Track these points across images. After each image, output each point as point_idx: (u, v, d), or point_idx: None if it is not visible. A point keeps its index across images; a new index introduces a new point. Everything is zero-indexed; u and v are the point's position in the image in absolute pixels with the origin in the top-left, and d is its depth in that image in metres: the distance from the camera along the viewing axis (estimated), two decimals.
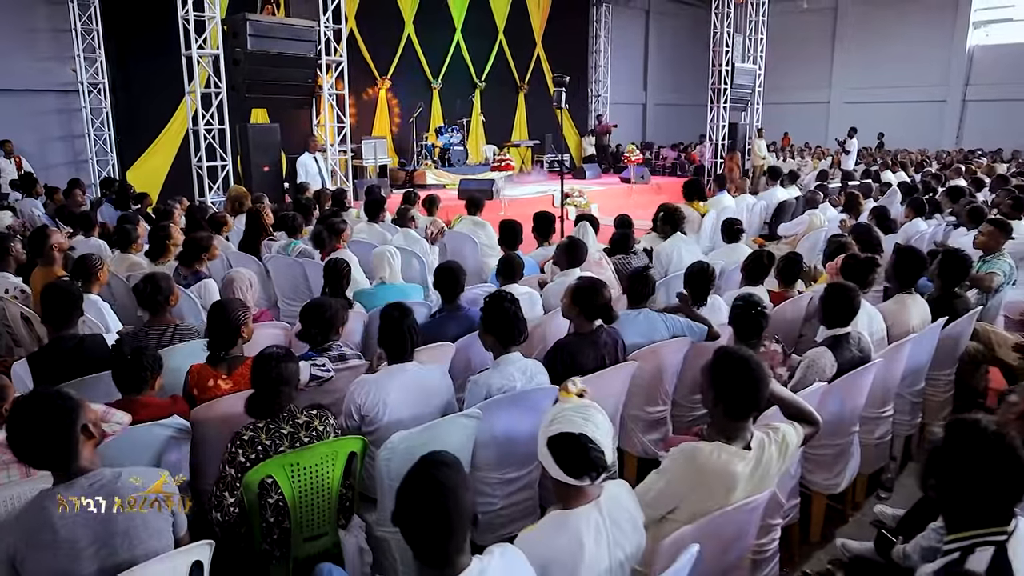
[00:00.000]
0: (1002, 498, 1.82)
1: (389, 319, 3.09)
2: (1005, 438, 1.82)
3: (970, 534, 1.83)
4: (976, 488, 1.83)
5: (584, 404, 1.99)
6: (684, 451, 2.18)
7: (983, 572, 1.74)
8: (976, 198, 9.10)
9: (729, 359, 2.21)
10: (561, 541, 1.86)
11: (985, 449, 1.81)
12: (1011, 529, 1.81)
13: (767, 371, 2.22)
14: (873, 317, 3.94)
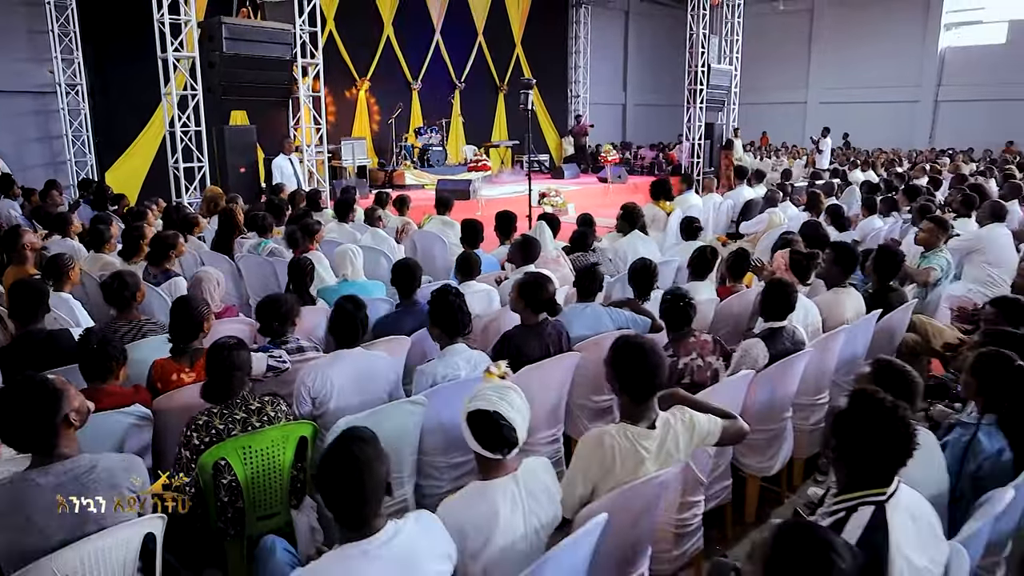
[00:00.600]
0: (887, 462, 2.00)
1: (342, 311, 3.29)
2: (898, 409, 2.01)
3: (856, 495, 2.01)
4: (867, 452, 1.99)
5: (503, 385, 2.18)
6: (592, 436, 2.38)
7: (862, 528, 1.93)
8: (935, 196, 9.39)
9: (626, 346, 2.41)
10: (479, 509, 2.06)
11: (879, 417, 1.98)
12: (891, 491, 2.00)
13: (663, 354, 2.41)
14: (809, 310, 4.16)
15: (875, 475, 2.00)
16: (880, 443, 1.98)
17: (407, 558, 1.80)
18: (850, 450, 2.02)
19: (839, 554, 1.44)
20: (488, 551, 2.02)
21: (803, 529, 1.54)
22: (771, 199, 8.42)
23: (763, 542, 1.53)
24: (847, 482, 2.05)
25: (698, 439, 2.46)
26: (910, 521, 1.93)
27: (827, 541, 1.47)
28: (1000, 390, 2.64)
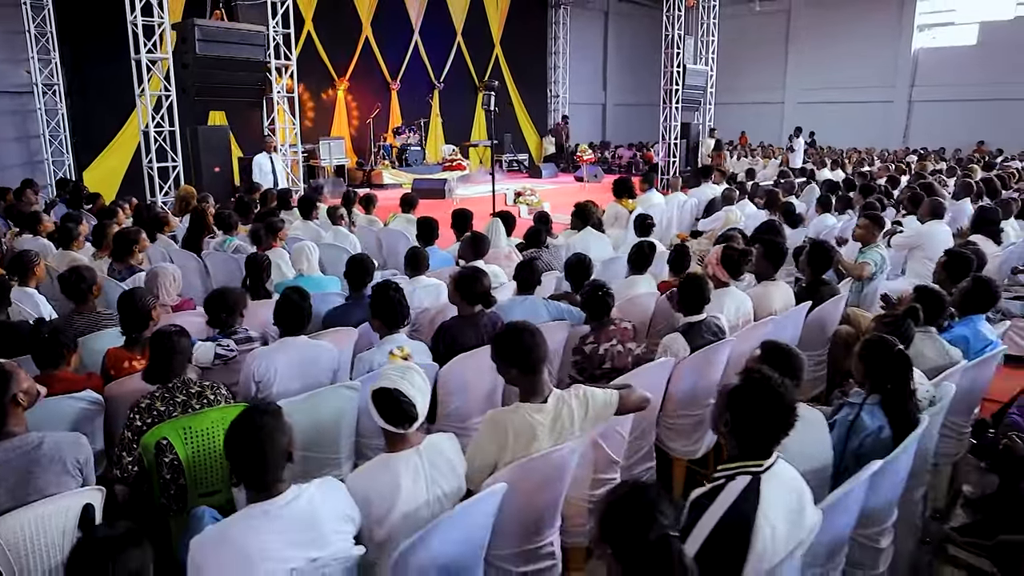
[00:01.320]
0: (768, 436, 2.19)
1: (287, 301, 3.50)
2: (781, 387, 2.21)
3: (736, 465, 2.21)
4: (752, 426, 2.18)
5: (405, 366, 2.39)
6: (488, 415, 2.60)
7: (735, 495, 2.12)
8: (892, 195, 9.68)
9: (506, 332, 2.63)
10: (382, 479, 2.26)
11: (764, 394, 2.18)
12: (768, 464, 2.20)
13: (540, 336, 2.62)
14: (742, 303, 4.39)
15: (756, 447, 2.19)
16: (763, 418, 2.17)
17: (307, 518, 2.01)
18: (738, 424, 2.21)
19: (662, 511, 1.65)
20: (392, 517, 2.23)
21: (634, 490, 1.74)
22: (728, 197, 8.67)
23: (601, 500, 1.74)
24: (731, 454, 2.26)
25: (595, 412, 2.67)
26: (783, 492, 2.12)
27: (652, 500, 1.68)
28: (882, 373, 2.87)
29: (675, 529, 1.65)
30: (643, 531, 1.62)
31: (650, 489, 1.73)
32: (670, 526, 1.64)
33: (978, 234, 6.66)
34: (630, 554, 1.64)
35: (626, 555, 1.65)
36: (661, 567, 1.59)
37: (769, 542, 2.01)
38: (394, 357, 2.51)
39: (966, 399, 3.91)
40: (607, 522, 1.69)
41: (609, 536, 1.68)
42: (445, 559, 2.19)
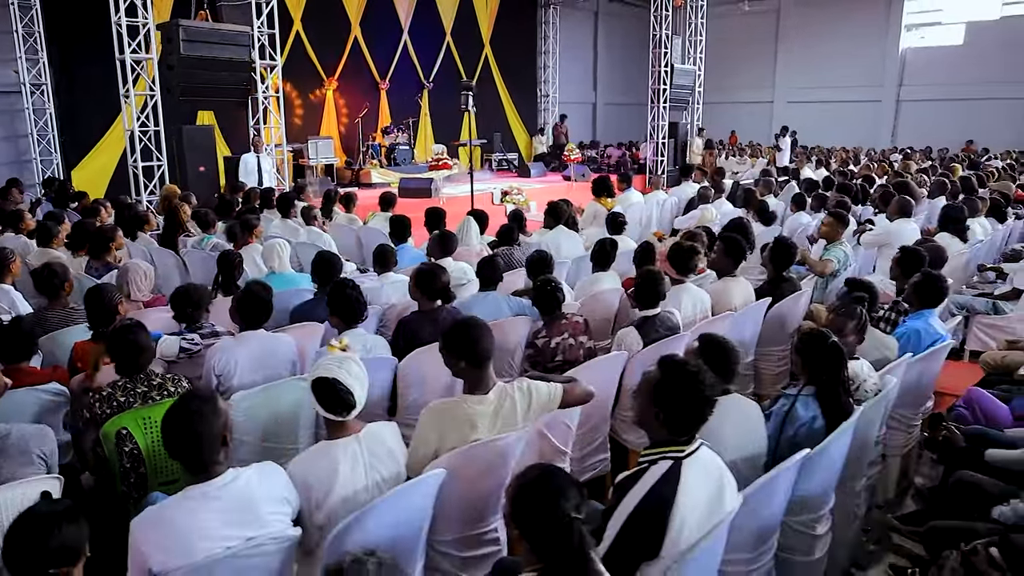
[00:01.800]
0: (689, 421, 2.29)
1: (249, 293, 3.61)
2: (699, 374, 2.31)
3: (659, 450, 2.32)
4: (673, 412, 2.27)
5: (343, 356, 2.50)
6: (430, 405, 2.71)
7: (656, 479, 2.22)
8: (869, 193, 9.80)
9: (454, 327, 2.74)
10: (321, 464, 2.37)
11: (684, 381, 2.27)
12: (691, 450, 2.30)
13: (487, 331, 2.73)
14: (699, 298, 4.50)
15: (678, 433, 2.29)
16: (683, 404, 2.26)
17: (244, 499, 2.11)
18: (660, 410, 2.30)
19: (566, 495, 1.76)
20: (330, 501, 2.34)
21: (543, 474, 1.85)
22: (703, 196, 8.79)
23: (513, 482, 1.85)
24: (654, 440, 2.36)
25: (538, 405, 2.77)
26: (702, 477, 2.23)
27: (558, 485, 1.79)
28: (817, 365, 2.98)
29: (579, 511, 1.75)
30: (548, 512, 1.73)
31: (557, 474, 1.83)
32: (573, 508, 1.74)
33: (945, 232, 6.79)
34: (535, 533, 1.75)
35: (532, 533, 1.76)
36: (562, 546, 1.70)
37: (686, 523, 2.11)
38: (332, 348, 2.61)
39: (914, 392, 4.03)
40: (516, 503, 1.80)
41: (517, 516, 1.79)
42: (382, 541, 2.29)
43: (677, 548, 2.09)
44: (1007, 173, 11.34)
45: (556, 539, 1.71)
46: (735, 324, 4.47)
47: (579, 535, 1.71)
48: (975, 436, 3.47)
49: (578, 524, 1.72)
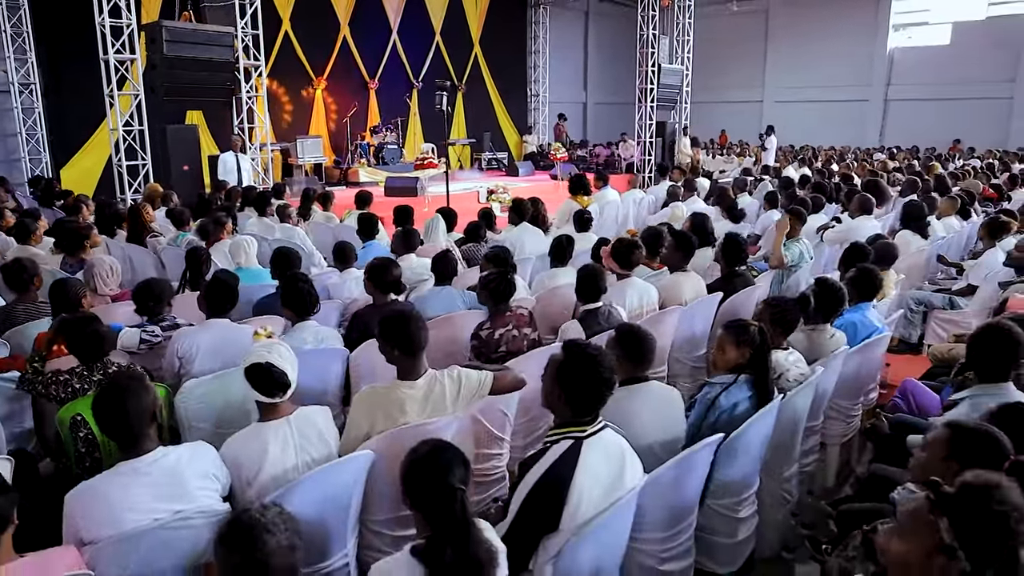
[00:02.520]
0: (588, 402, 2.43)
1: (217, 280, 3.77)
2: (598, 357, 2.46)
3: (561, 431, 2.46)
4: (573, 393, 2.41)
5: (271, 343, 2.65)
6: (360, 392, 2.86)
7: (556, 457, 2.36)
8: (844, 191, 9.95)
9: (389, 317, 2.88)
10: (251, 445, 2.52)
11: (584, 364, 2.41)
12: (592, 430, 2.44)
13: (421, 322, 2.88)
14: (646, 292, 4.64)
15: (579, 414, 2.44)
16: (583, 385, 2.41)
17: (173, 474, 2.26)
18: (562, 391, 2.44)
19: (452, 469, 1.92)
20: (260, 479, 2.49)
21: (432, 449, 1.99)
22: (673, 194, 8.95)
23: (405, 457, 2.00)
24: (558, 421, 2.51)
25: (467, 391, 2.92)
26: (602, 457, 2.37)
27: (447, 460, 1.94)
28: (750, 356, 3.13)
29: (463, 484, 1.90)
30: (434, 484, 1.88)
31: (446, 450, 1.98)
32: (458, 480, 1.89)
33: (906, 229, 6.95)
34: (424, 503, 1.90)
35: (421, 503, 1.91)
36: (447, 514, 1.85)
37: (584, 499, 2.26)
38: (258, 336, 2.76)
39: (852, 383, 4.18)
40: (407, 476, 1.96)
41: (408, 487, 1.94)
42: (307, 516, 2.43)
43: (575, 522, 2.23)
44: (982, 172, 11.48)
45: (441, 508, 1.85)
46: (684, 317, 4.62)
47: (461, 505, 1.85)
48: (899, 424, 3.61)
49: (461, 494, 1.86)
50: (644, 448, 2.80)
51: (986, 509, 1.56)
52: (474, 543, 1.82)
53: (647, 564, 2.74)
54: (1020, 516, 1.55)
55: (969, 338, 3.10)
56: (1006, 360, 2.93)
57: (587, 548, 2.26)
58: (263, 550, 1.72)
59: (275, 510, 1.82)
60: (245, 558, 1.73)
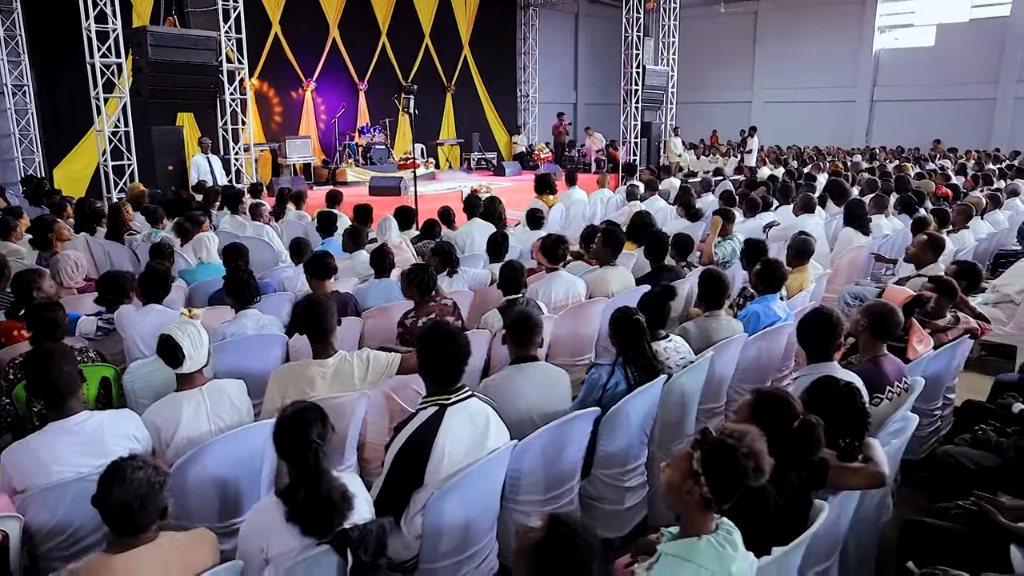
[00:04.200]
0: (444, 375, 2.77)
1: (151, 269, 4.14)
2: (452, 335, 2.80)
3: (429, 399, 2.79)
4: (433, 366, 2.78)
5: (185, 321, 3.01)
6: (276, 368, 3.22)
7: (421, 421, 2.67)
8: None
9: (306, 304, 3.25)
10: (167, 411, 2.90)
11: (438, 341, 2.77)
12: (457, 399, 2.74)
13: (331, 310, 3.24)
14: (572, 285, 4.99)
15: (440, 384, 2.79)
16: (439, 360, 2.77)
17: (96, 434, 2.63)
18: (425, 365, 2.82)
19: (311, 427, 2.26)
20: (176, 440, 2.86)
21: (296, 411, 2.32)
22: (631, 193, 9.30)
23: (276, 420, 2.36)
24: (428, 391, 2.86)
25: (375, 370, 3.30)
26: (465, 421, 2.71)
27: (306, 419, 2.28)
28: (623, 339, 3.48)
29: (320, 438, 2.25)
30: (295, 437, 2.24)
31: (308, 411, 2.32)
32: (316, 435, 2.23)
33: (848, 227, 7.28)
34: (286, 453, 2.27)
35: (284, 454, 2.27)
36: (304, 463, 2.20)
37: (447, 458, 2.61)
38: (184, 315, 3.12)
39: (755, 368, 4.52)
40: (275, 431, 2.31)
41: (276, 441, 2.30)
42: (219, 474, 2.80)
43: (438, 477, 2.59)
44: (940, 173, 11.80)
45: (299, 457, 2.21)
46: (609, 308, 4.96)
47: (315, 455, 2.20)
48: None
49: (315, 446, 2.21)
50: (527, 420, 3.16)
51: (723, 446, 1.94)
52: (326, 487, 2.17)
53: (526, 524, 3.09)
54: (748, 455, 1.92)
55: (799, 323, 3.44)
56: (827, 341, 3.28)
57: (452, 502, 2.61)
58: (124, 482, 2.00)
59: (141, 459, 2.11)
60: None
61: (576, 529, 1.76)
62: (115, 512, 1.97)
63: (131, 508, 1.96)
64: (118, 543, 1.99)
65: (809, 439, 2.38)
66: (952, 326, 4.26)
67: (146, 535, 2.01)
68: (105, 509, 1.98)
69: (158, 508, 2.04)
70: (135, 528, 1.99)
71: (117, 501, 1.96)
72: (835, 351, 3.32)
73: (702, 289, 4.20)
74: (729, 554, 1.95)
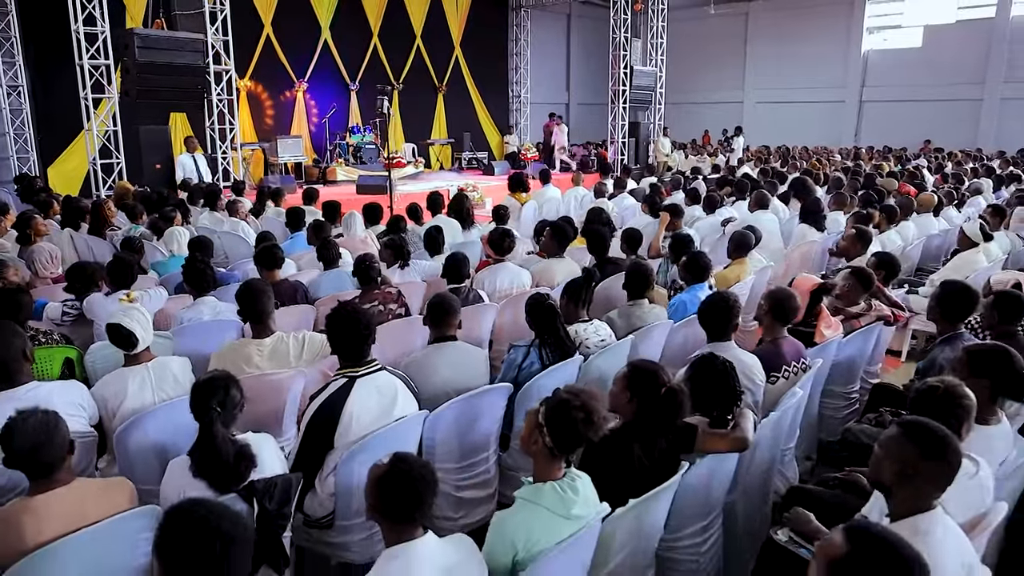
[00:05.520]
0: (350, 350, 3.05)
1: (118, 259, 4.44)
2: (355, 314, 3.07)
3: (340, 372, 3.06)
4: (339, 342, 3.07)
5: (129, 306, 3.31)
6: (219, 347, 3.52)
7: (331, 391, 2.95)
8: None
9: (243, 288, 3.55)
10: (114, 385, 3.20)
11: (342, 318, 3.04)
12: (365, 371, 3.02)
13: (267, 294, 3.54)
14: (517, 275, 5.29)
15: (348, 359, 3.08)
16: (344, 336, 3.06)
17: (44, 402, 2.88)
18: (334, 341, 3.11)
19: (214, 394, 2.52)
20: (122, 411, 3.15)
21: (206, 380, 2.61)
22: (598, 191, 9.59)
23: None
24: (340, 364, 3.14)
25: (310, 350, 3.60)
26: (375, 392, 3.01)
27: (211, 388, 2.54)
28: (537, 322, 3.78)
29: (220, 406, 2.52)
30: (197, 403, 2.52)
31: (214, 380, 2.59)
32: (217, 403, 2.51)
33: (804, 223, 7.56)
34: (195, 416, 2.54)
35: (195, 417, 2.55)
36: (203, 426, 2.49)
37: (355, 423, 2.91)
38: (123, 301, 3.42)
39: (680, 353, 4.78)
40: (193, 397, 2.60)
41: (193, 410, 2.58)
42: (159, 440, 3.10)
43: (347, 440, 2.89)
44: (909, 172, 12.07)
45: (200, 420, 2.49)
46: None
47: (211, 419, 2.48)
48: None
49: (213, 412, 2.48)
50: (442, 395, 3.45)
51: (560, 402, 2.26)
52: (224, 446, 2.46)
53: (443, 490, 3.37)
54: (580, 408, 2.23)
55: (698, 308, 3.74)
56: (723, 323, 3.57)
57: (362, 463, 2.90)
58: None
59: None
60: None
61: (413, 465, 2.03)
62: (23, 455, 2.21)
63: (35, 448, 2.20)
64: (35, 487, 2.27)
65: (673, 405, 2.68)
66: (865, 313, 4.54)
67: (61, 477, 2.28)
68: (13, 457, 2.22)
69: (63, 443, 2.28)
70: (47, 468, 2.25)
71: (19, 445, 2.20)
72: (732, 331, 3.60)
73: (627, 281, 4.48)
74: (570, 498, 2.24)
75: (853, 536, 1.62)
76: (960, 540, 2.05)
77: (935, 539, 1.97)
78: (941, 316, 3.85)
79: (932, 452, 2.03)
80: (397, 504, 1.98)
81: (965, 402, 2.42)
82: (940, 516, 2.04)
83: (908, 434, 2.08)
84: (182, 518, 1.72)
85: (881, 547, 1.58)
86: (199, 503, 1.77)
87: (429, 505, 2.01)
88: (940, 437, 2.04)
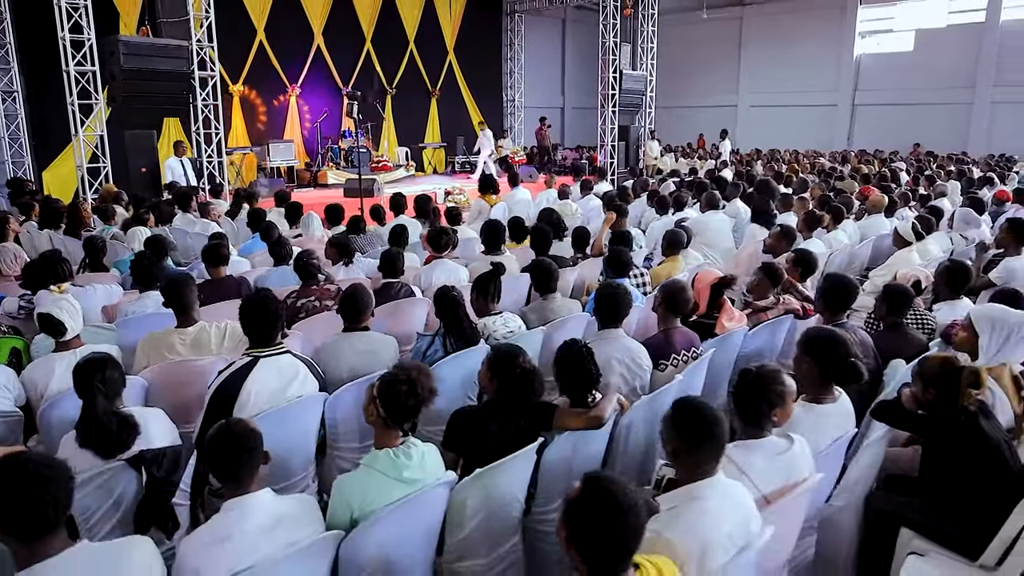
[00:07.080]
0: (258, 333, 3.31)
1: (43, 256, 4.75)
2: (263, 301, 3.34)
3: (248, 351, 3.33)
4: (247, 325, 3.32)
5: (58, 296, 3.60)
6: (145, 336, 3.80)
7: (232, 371, 3.22)
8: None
9: (170, 281, 3.83)
10: (42, 368, 3.50)
11: (250, 308, 3.31)
12: (269, 353, 3.28)
13: (191, 287, 3.83)
14: (453, 271, 5.56)
15: (256, 342, 3.34)
16: (252, 321, 3.32)
17: None
18: (244, 326, 3.37)
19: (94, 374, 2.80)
20: (48, 392, 3.44)
21: (86, 360, 2.89)
22: (563, 193, 9.86)
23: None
24: (249, 345, 3.41)
25: (231, 340, 3.87)
26: (275, 372, 3.28)
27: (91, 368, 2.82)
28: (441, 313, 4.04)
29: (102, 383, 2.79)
30: (80, 381, 2.79)
31: (96, 361, 2.83)
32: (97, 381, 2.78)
33: (755, 223, 7.80)
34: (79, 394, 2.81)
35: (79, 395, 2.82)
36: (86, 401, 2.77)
37: (254, 399, 3.18)
38: (53, 291, 3.71)
39: None
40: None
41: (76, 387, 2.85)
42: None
43: (244, 414, 3.16)
44: (879, 175, 12.27)
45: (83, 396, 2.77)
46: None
47: (92, 394, 2.76)
48: None
49: (96, 390, 2.76)
50: (349, 380, 3.71)
51: (391, 377, 2.57)
52: (105, 418, 2.73)
53: (344, 468, 3.64)
54: (404, 381, 2.54)
55: (594, 297, 4.00)
56: (612, 312, 3.83)
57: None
58: None
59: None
60: None
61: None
62: None
63: None
64: None
65: (528, 385, 2.95)
66: (773, 307, 4.78)
67: None
68: None
69: None
70: None
71: None
72: (621, 320, 3.87)
73: (532, 278, 4.76)
74: (403, 462, 2.52)
75: (587, 482, 1.90)
76: (738, 503, 2.31)
77: (706, 503, 2.25)
78: (825, 307, 4.10)
79: (694, 436, 2.31)
80: (224, 467, 2.28)
81: (777, 387, 2.66)
82: (717, 482, 2.30)
83: (674, 419, 2.37)
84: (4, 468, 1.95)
85: (604, 491, 1.84)
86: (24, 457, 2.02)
87: (250, 466, 2.30)
88: (701, 419, 2.31)
